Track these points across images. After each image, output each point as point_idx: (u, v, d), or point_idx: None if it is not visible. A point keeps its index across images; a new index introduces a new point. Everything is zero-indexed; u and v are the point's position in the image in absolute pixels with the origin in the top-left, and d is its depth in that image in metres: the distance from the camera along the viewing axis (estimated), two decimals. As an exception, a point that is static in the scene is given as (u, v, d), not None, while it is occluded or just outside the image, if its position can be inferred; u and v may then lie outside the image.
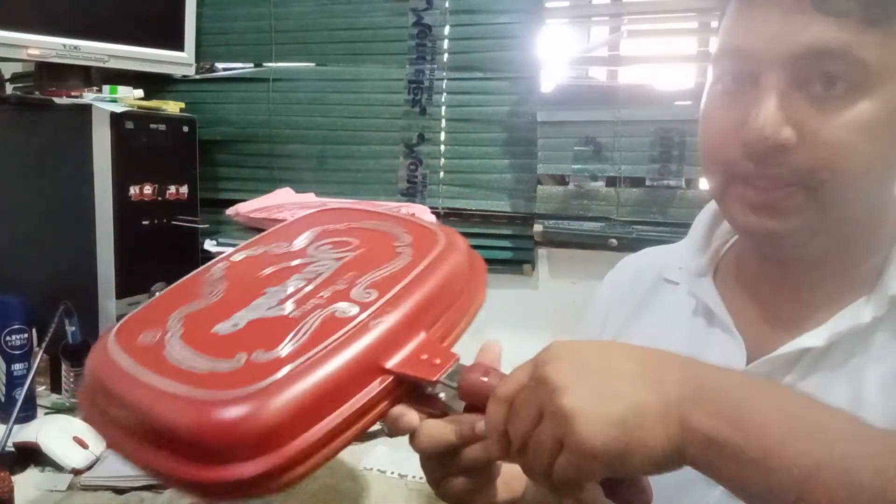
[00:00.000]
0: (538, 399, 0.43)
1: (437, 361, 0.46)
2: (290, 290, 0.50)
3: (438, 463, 0.50)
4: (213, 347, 0.45)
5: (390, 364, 0.45)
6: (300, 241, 0.58)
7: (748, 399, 0.42)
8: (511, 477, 0.55)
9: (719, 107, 0.57)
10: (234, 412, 0.40)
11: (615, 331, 0.73)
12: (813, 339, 0.56)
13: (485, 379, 0.46)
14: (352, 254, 0.54)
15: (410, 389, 0.47)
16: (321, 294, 0.49)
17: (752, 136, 0.53)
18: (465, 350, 0.50)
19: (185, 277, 0.56)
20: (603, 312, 0.76)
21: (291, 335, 0.45)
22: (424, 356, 0.47)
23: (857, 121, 0.51)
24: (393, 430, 0.48)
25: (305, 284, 0.51)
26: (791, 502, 0.39)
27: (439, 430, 0.47)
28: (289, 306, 0.49)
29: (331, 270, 0.52)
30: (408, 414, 0.47)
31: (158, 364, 0.45)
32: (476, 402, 0.46)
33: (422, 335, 0.48)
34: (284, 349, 0.44)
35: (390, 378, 0.45)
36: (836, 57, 0.50)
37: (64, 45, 1.36)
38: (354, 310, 0.47)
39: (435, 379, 0.46)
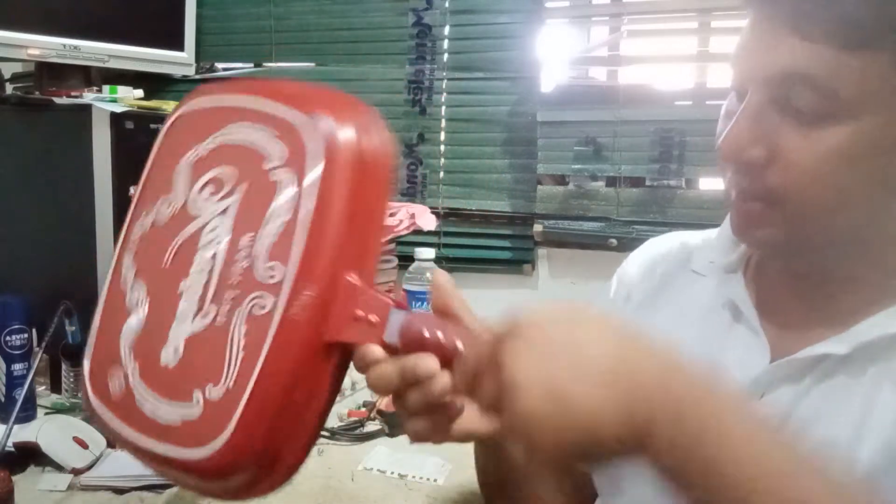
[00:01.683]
0: (497, 390, 0.43)
1: (374, 318, 0.45)
2: (201, 281, 0.47)
3: (397, 400, 0.48)
4: (170, 387, 0.46)
5: (331, 337, 0.44)
6: (180, 188, 0.51)
7: (720, 437, 0.42)
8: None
9: (723, 120, 0.59)
10: (218, 464, 0.44)
11: (635, 307, 0.73)
12: (836, 345, 0.56)
13: (426, 335, 0.44)
14: (233, 200, 0.48)
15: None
16: (231, 279, 0.46)
17: (723, 152, 0.56)
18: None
19: (106, 282, 0.55)
20: (626, 289, 0.76)
21: (227, 355, 0.45)
22: (360, 312, 0.45)
23: (829, 147, 0.52)
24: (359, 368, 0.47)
25: (211, 267, 0.47)
26: None
27: (384, 372, 0.45)
28: (210, 308, 0.46)
29: (226, 239, 0.47)
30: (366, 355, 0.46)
31: (137, 419, 0.47)
32: (419, 350, 0.45)
33: (346, 283, 0.44)
34: (230, 376, 0.44)
35: (336, 350, 0.45)
36: (808, 83, 0.51)
37: (64, 45, 1.36)
38: (269, 301, 0.44)
39: (379, 342, 0.45)
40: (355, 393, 1.26)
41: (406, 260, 1.43)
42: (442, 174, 1.56)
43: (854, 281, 0.58)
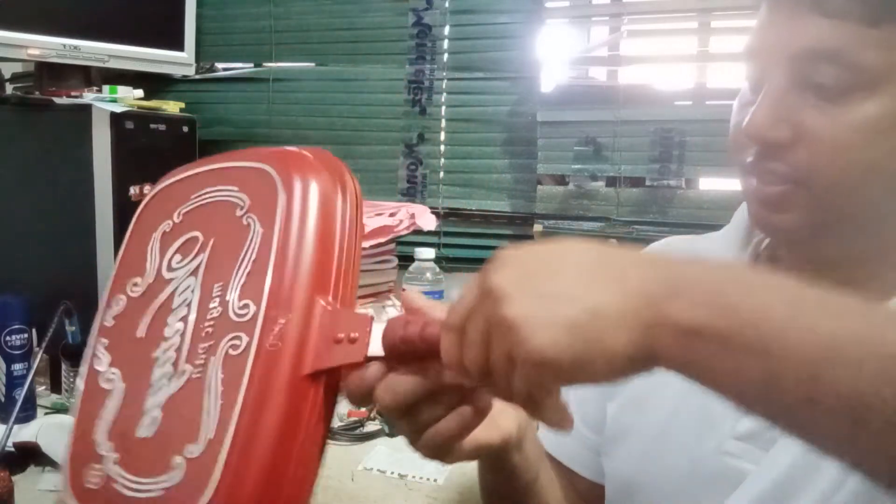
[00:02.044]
0: (484, 314, 0.39)
1: (354, 335, 0.43)
2: (175, 343, 0.46)
3: (409, 418, 0.46)
4: (150, 462, 0.43)
5: (313, 368, 0.42)
6: (151, 265, 0.51)
7: (738, 285, 0.37)
8: (497, 412, 0.50)
9: (739, 105, 0.59)
10: None
11: None
12: None
13: (411, 329, 0.43)
14: (204, 256, 0.48)
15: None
16: (205, 331, 0.45)
17: (748, 133, 0.55)
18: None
19: (81, 375, 0.51)
20: None
21: (205, 406, 0.42)
22: (340, 335, 0.43)
23: (855, 121, 0.52)
24: (354, 401, 0.45)
25: (184, 327, 0.46)
26: (802, 395, 0.34)
27: (403, 383, 0.43)
28: (185, 367, 0.45)
29: (197, 294, 0.47)
30: (360, 381, 0.44)
31: None
32: (409, 355, 0.43)
33: (321, 309, 0.44)
34: (209, 427, 0.42)
35: (322, 378, 0.43)
36: (832, 59, 0.51)
37: (64, 45, 1.36)
38: (244, 340, 0.43)
39: (363, 360, 0.43)
40: (355, 393, 1.26)
41: (406, 260, 1.43)
42: (442, 174, 1.56)
43: (873, 264, 0.58)
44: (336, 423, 1.16)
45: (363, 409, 1.24)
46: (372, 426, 1.16)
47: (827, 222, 0.56)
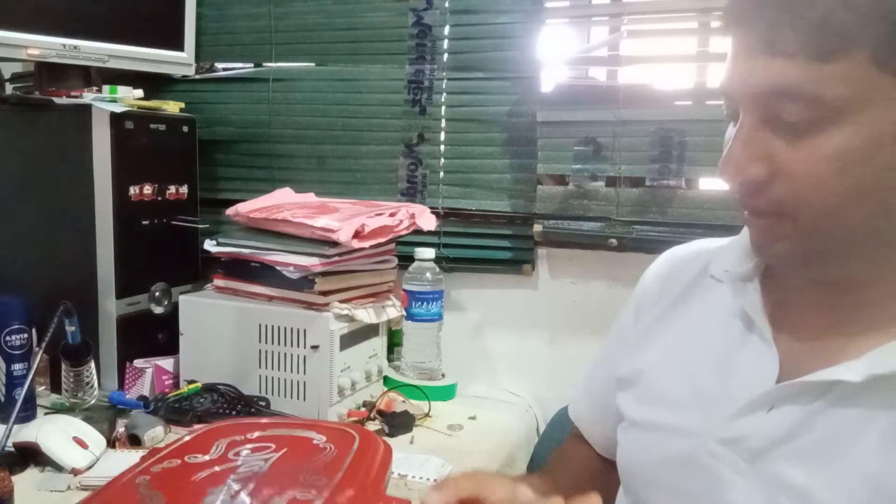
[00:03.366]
0: None
1: None
2: (236, 487, 0.51)
3: None
4: None
5: None
6: (215, 451, 0.58)
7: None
8: None
9: (725, 142, 0.60)
10: None
11: (651, 320, 0.75)
12: (849, 372, 0.55)
13: None
14: (276, 454, 0.57)
15: None
16: (271, 485, 0.51)
17: (722, 173, 0.57)
18: (465, 350, 0.51)
19: None
20: (636, 304, 0.79)
21: None
22: None
23: (828, 153, 0.52)
24: None
25: (248, 480, 0.52)
26: None
27: None
28: (245, 499, 0.50)
29: (264, 468, 0.54)
30: None
31: None
32: None
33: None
34: None
35: None
36: (792, 96, 0.52)
37: (64, 45, 1.36)
38: (311, 493, 0.49)
39: None
40: (355, 393, 1.26)
41: (406, 260, 1.43)
42: (442, 174, 1.56)
43: (873, 285, 0.58)
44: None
45: (363, 409, 1.24)
46: (372, 426, 1.16)
47: (818, 249, 0.57)
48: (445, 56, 1.54)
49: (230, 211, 1.38)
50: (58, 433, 1.02)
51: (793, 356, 0.61)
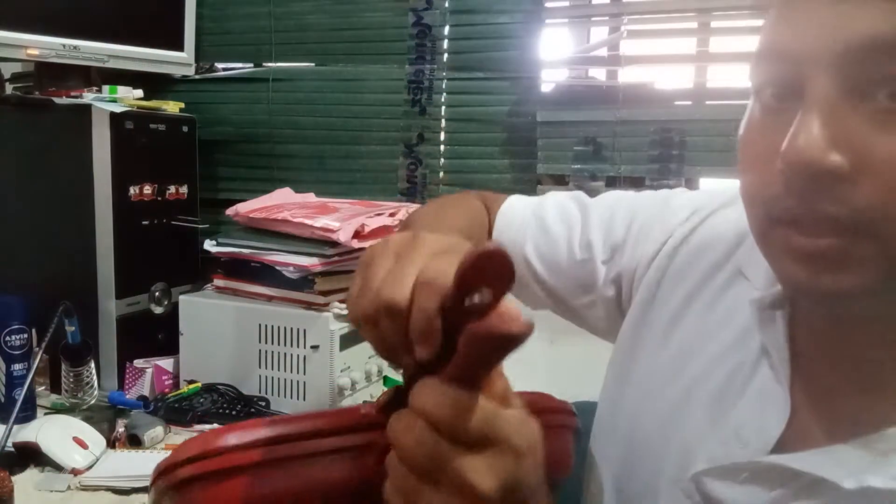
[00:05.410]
0: None
1: None
2: None
3: None
4: None
5: None
6: None
7: None
8: None
9: (758, 129, 0.45)
10: None
11: (667, 319, 0.62)
12: (876, 477, 0.42)
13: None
14: None
15: None
16: None
17: (789, 164, 0.40)
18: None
19: None
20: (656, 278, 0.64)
21: None
22: None
23: None
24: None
25: None
26: None
27: None
28: None
29: None
30: None
31: None
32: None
33: None
34: None
35: None
36: None
37: (64, 45, 1.36)
38: None
39: None
40: (355, 393, 1.26)
41: (406, 260, 1.43)
42: (442, 174, 1.56)
43: None
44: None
45: (363, 409, 1.24)
46: (372, 426, 1.16)
47: None
48: (445, 56, 1.54)
49: (230, 211, 1.38)
50: (58, 433, 1.02)
51: (799, 413, 0.50)
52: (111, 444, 1.08)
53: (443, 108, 1.56)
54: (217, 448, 0.41)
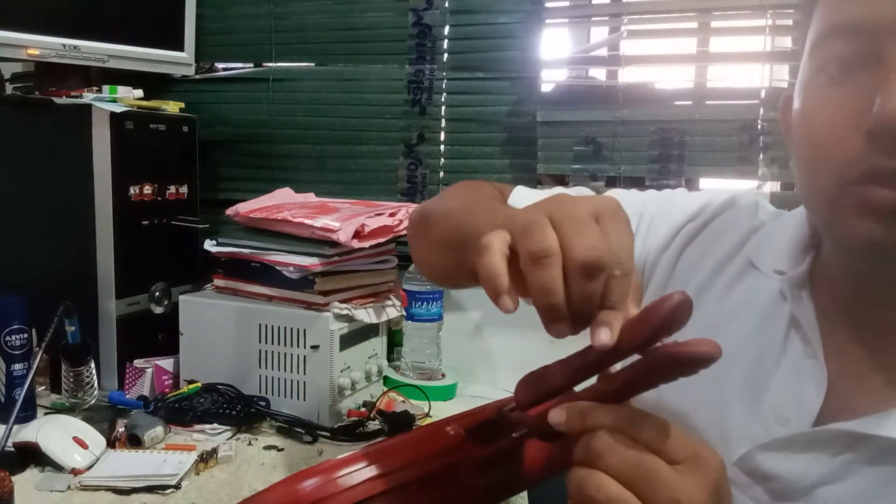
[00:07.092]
0: None
1: None
2: None
3: None
4: None
5: None
6: None
7: None
8: None
9: (828, 101, 0.46)
10: None
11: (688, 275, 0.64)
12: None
13: None
14: None
15: None
16: None
17: (885, 124, 0.42)
18: (465, 350, 0.50)
19: None
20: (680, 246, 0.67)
21: None
22: None
23: None
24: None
25: None
26: None
27: None
28: None
29: None
30: None
31: None
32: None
33: None
34: None
35: None
36: None
37: (64, 45, 1.36)
38: None
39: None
40: (355, 393, 1.26)
41: (406, 260, 1.43)
42: (442, 174, 1.56)
43: None
44: (336, 423, 1.16)
45: (363, 409, 1.24)
46: (372, 426, 1.16)
47: None
48: (445, 56, 1.54)
49: (230, 211, 1.38)
50: (58, 433, 1.02)
51: (840, 375, 0.51)
52: (111, 444, 1.08)
53: (443, 108, 1.56)
54: (339, 489, 0.43)
